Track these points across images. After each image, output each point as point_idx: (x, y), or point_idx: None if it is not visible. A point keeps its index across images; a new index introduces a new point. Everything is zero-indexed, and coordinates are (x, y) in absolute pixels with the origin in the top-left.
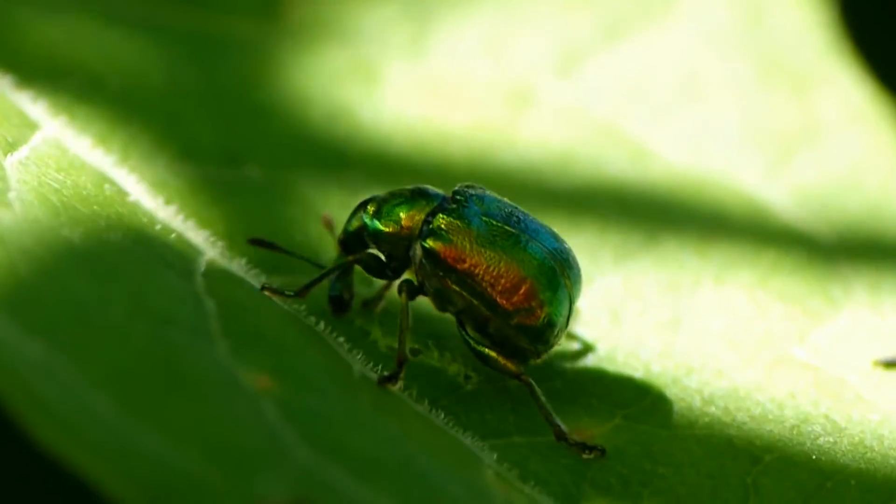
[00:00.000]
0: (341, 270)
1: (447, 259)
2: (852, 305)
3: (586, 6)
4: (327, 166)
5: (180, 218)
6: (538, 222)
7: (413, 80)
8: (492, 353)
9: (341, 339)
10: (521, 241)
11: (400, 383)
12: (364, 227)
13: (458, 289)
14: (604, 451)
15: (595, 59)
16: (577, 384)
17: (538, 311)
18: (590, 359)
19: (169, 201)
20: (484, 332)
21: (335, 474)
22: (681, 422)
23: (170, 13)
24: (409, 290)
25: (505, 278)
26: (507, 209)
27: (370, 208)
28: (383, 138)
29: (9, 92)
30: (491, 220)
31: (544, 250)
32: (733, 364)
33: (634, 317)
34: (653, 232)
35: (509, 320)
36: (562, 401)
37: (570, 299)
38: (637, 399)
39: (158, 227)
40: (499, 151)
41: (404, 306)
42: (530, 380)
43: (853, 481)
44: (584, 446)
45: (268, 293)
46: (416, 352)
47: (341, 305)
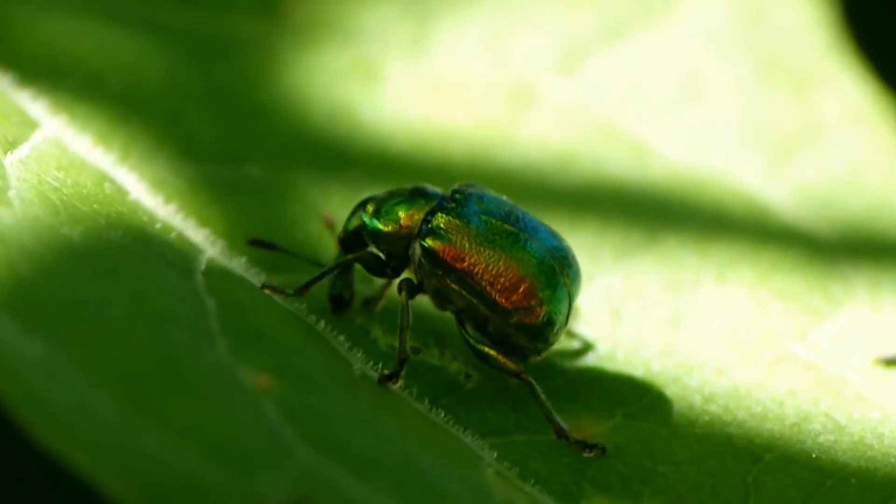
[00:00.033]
0: (341, 269)
1: (446, 258)
2: (853, 304)
3: (587, 5)
4: (328, 165)
5: (180, 216)
6: (537, 220)
7: (414, 78)
8: (491, 352)
9: (342, 337)
10: (519, 240)
11: (400, 382)
12: (363, 226)
13: (458, 288)
14: (604, 450)
15: (596, 59)
16: (577, 383)
17: (537, 309)
18: (590, 357)
19: (169, 200)
20: (483, 330)
21: (335, 473)
22: (681, 420)
23: (170, 12)
24: (408, 289)
25: (504, 277)
26: (505, 207)
27: (369, 207)
28: (384, 137)
29: (9, 90)
30: (490, 218)
31: (543, 249)
32: (734, 362)
33: (635, 315)
34: (653, 230)
35: (509, 319)
36: (562, 399)
37: (570, 297)
38: (637, 397)
39: (158, 226)
40: (499, 150)
41: (404, 305)
42: (530, 378)
43: (853, 480)
44: (584, 445)
45: (268, 292)
46: (416, 350)
47: (341, 304)
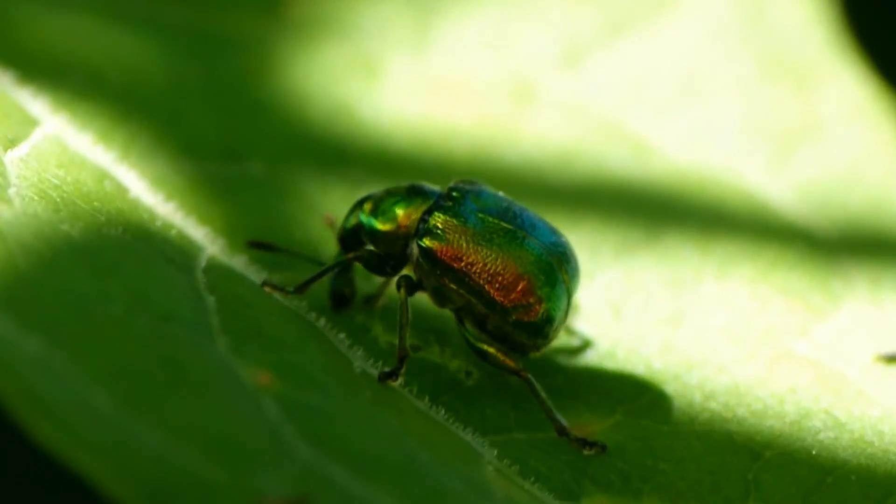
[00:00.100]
0: (341, 267)
1: (444, 258)
2: (853, 301)
3: (588, 3)
4: (328, 163)
5: (180, 214)
6: (536, 216)
7: (415, 76)
8: (491, 350)
9: (342, 335)
10: (517, 237)
11: (400, 379)
12: (360, 225)
13: (456, 287)
14: (604, 448)
15: (597, 56)
16: (577, 380)
17: (536, 307)
18: (590, 355)
19: (169, 198)
20: (483, 328)
21: (336, 471)
22: (681, 418)
23: (170, 10)
24: (407, 286)
25: (502, 275)
26: (503, 204)
27: (366, 206)
28: (384, 134)
29: (10, 88)
30: (487, 216)
31: (541, 245)
32: (734, 359)
33: (635, 312)
34: (654, 227)
35: (508, 317)
36: (562, 397)
37: (569, 293)
38: (638, 395)
39: (159, 224)
40: (501, 147)
41: (403, 302)
42: (530, 376)
43: (853, 477)
44: (584, 442)
45: (268, 289)
46: (416, 348)
47: (342, 302)
